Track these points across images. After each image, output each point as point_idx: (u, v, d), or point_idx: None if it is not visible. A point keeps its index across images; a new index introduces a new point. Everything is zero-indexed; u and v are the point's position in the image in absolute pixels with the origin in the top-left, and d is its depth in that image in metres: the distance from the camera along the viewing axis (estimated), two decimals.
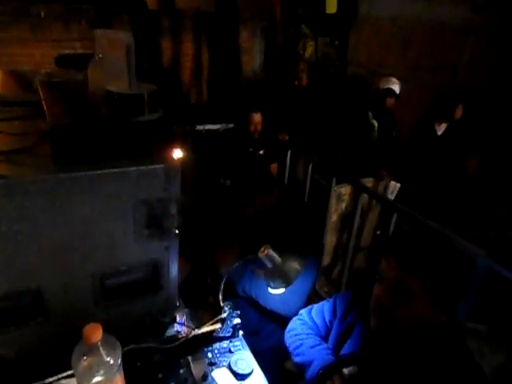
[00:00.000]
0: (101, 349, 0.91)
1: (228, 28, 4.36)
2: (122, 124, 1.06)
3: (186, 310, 1.56)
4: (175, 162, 1.11)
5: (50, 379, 1.07)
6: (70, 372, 1.06)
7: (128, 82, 1.09)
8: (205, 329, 1.41)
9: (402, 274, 1.03)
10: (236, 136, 3.59)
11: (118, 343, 0.95)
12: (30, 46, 3.78)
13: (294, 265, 1.42)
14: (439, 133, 3.85)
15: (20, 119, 1.24)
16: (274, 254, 1.38)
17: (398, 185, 3.94)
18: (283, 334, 1.48)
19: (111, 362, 0.92)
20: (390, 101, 3.80)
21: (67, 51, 3.71)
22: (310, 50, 4.67)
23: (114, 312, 1.22)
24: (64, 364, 1.01)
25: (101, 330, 0.90)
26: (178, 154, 1.17)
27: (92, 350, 0.90)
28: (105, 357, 0.91)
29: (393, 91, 3.74)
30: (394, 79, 3.80)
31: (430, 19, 5.30)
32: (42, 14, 3.73)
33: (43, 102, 1.16)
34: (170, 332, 1.41)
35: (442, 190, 3.81)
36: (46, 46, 3.82)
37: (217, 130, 4.10)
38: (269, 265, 1.39)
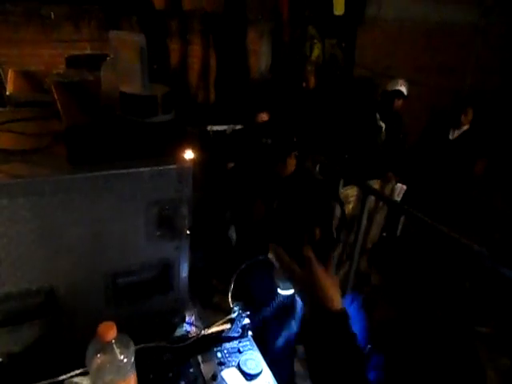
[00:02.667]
0: (115, 347, 0.92)
1: (236, 29, 4.37)
2: (135, 125, 1.07)
3: (195, 309, 1.57)
4: (187, 162, 1.12)
5: (64, 376, 1.08)
6: (83, 370, 1.07)
7: (141, 83, 1.10)
8: (214, 329, 1.41)
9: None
10: (245, 136, 3.60)
11: (132, 342, 0.96)
12: (40, 46, 3.82)
13: None
14: (451, 137, 3.86)
15: (33, 119, 1.26)
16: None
17: (405, 187, 3.94)
18: None
19: (125, 360, 0.93)
20: (398, 102, 3.81)
21: (77, 52, 3.74)
22: (316, 52, 4.67)
23: (125, 311, 1.23)
24: (76, 362, 1.02)
25: (115, 329, 0.90)
26: (189, 155, 1.18)
27: (106, 348, 0.91)
28: (119, 355, 0.92)
29: (401, 93, 3.75)
30: (402, 81, 3.81)
31: (437, 22, 5.29)
32: (52, 15, 3.76)
33: (57, 103, 1.17)
34: (180, 332, 1.42)
35: (449, 191, 3.81)
36: (56, 46, 3.85)
37: (224, 131, 4.11)
38: (278, 266, 1.39)
